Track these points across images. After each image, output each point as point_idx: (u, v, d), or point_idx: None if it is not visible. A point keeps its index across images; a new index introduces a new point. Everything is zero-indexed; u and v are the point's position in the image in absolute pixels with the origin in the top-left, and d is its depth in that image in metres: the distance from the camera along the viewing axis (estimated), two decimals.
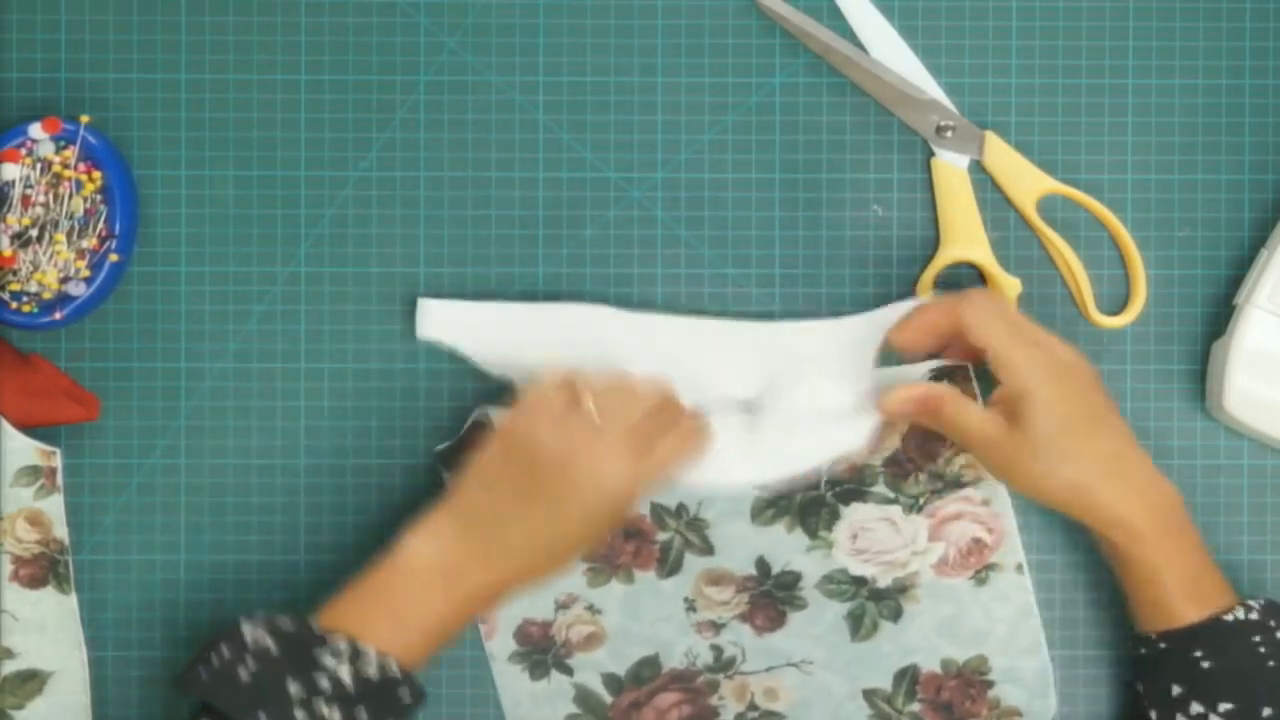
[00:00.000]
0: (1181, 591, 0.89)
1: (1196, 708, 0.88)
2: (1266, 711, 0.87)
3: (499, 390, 0.97)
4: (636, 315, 0.97)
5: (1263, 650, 0.88)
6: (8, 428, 0.96)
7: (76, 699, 0.98)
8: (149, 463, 0.99)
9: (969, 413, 0.90)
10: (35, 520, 0.97)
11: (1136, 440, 0.92)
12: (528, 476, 0.88)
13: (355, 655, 0.86)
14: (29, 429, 0.97)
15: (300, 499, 0.99)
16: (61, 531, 0.97)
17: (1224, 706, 0.87)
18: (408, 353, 0.99)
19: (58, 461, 0.97)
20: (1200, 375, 0.99)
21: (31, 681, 0.98)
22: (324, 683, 0.85)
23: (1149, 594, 0.90)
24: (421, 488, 0.99)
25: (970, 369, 0.97)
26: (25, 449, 0.97)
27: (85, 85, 0.99)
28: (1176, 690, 0.88)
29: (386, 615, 0.88)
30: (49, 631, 0.97)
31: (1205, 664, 0.88)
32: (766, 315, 0.99)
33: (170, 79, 0.99)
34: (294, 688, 0.84)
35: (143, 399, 0.99)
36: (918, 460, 0.97)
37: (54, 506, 0.97)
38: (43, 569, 0.97)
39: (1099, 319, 0.98)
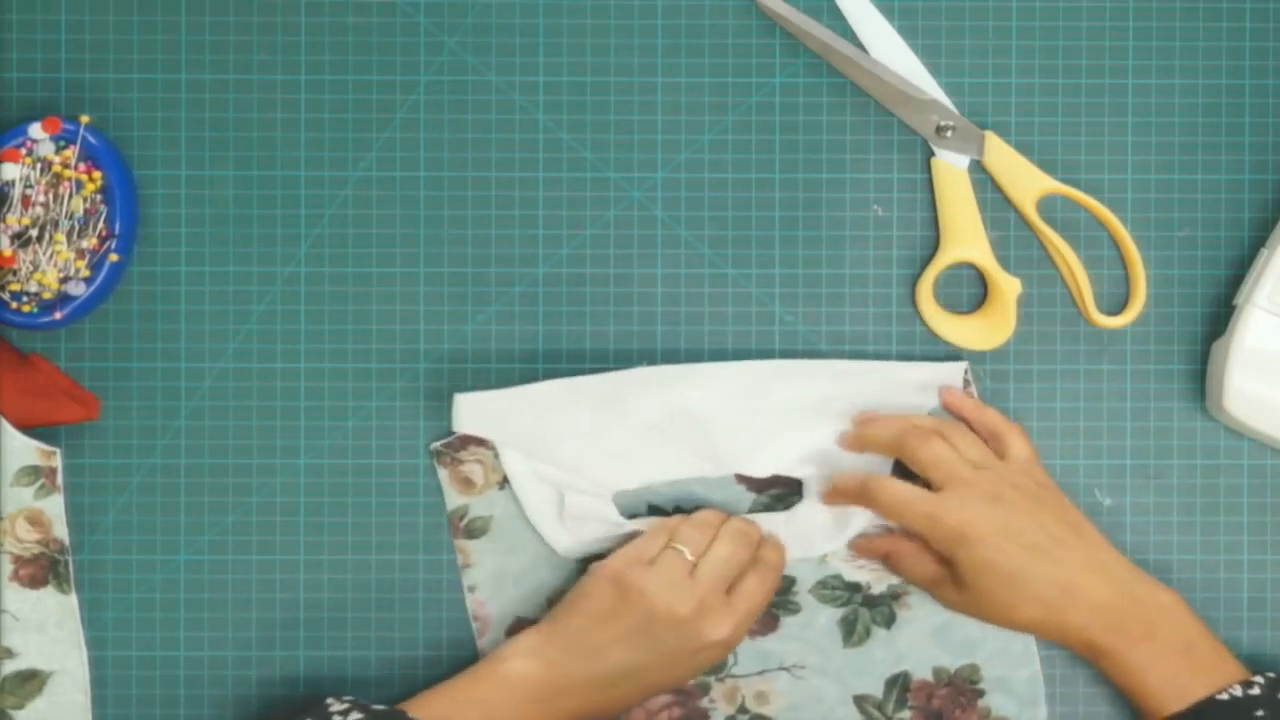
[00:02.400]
0: (1160, 689, 0.90)
1: None
2: None
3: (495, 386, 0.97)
4: (671, 371, 0.97)
5: None
6: (8, 428, 0.96)
7: (76, 699, 0.98)
8: (149, 463, 0.99)
9: (919, 571, 0.95)
10: (35, 520, 0.97)
11: (1101, 543, 0.93)
12: (635, 620, 0.91)
13: None
14: (29, 429, 0.97)
15: (300, 499, 0.99)
16: (61, 531, 0.97)
17: None
18: (407, 353, 0.99)
19: (58, 461, 0.97)
20: (1200, 375, 0.99)
21: (31, 681, 0.98)
22: None
23: (1134, 696, 0.92)
24: (421, 488, 0.99)
25: (968, 370, 0.98)
26: (25, 449, 0.97)
27: (85, 85, 0.99)
28: None
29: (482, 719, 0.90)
30: (49, 631, 0.97)
31: None
32: (767, 315, 0.99)
33: (170, 79, 0.99)
34: None
35: (143, 399, 0.99)
36: (913, 476, 0.96)
37: (54, 506, 0.97)
38: (43, 569, 0.97)
39: (1099, 319, 0.98)
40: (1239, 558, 0.99)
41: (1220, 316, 0.99)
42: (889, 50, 0.99)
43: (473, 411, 0.96)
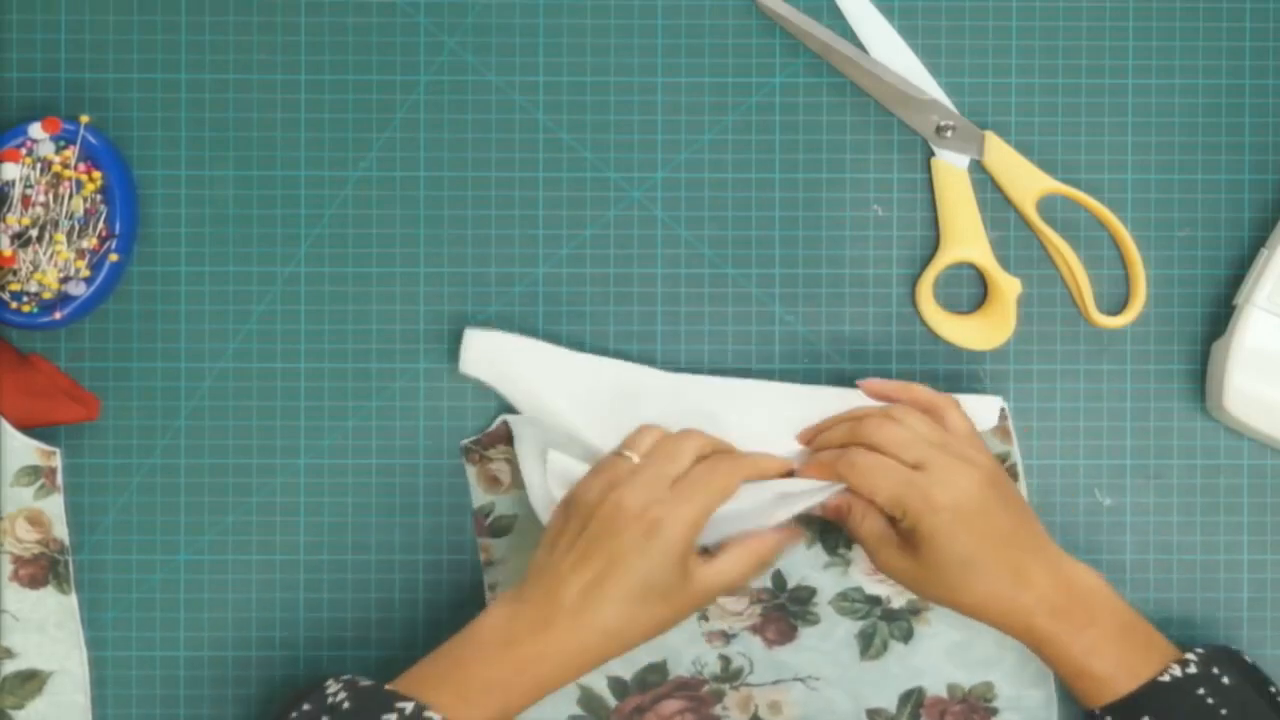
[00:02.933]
0: (1111, 673, 0.89)
1: None
2: None
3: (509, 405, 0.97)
4: (677, 377, 0.97)
5: (1211, 701, 0.87)
6: (8, 428, 0.96)
7: (76, 699, 0.98)
8: (149, 463, 0.99)
9: (867, 527, 0.92)
10: (35, 520, 0.97)
11: (1041, 528, 0.92)
12: (580, 532, 0.88)
13: (418, 718, 0.85)
14: (29, 429, 0.97)
15: (300, 498, 0.99)
16: (61, 531, 0.97)
17: None
18: (407, 352, 0.99)
19: (58, 461, 0.97)
20: (1200, 375, 0.99)
21: (31, 681, 0.98)
22: None
23: (1080, 682, 0.90)
24: (422, 488, 0.99)
25: (1005, 409, 0.97)
26: (25, 449, 0.97)
27: (85, 85, 0.99)
28: None
29: (453, 682, 0.87)
30: (49, 631, 0.97)
31: None
32: (767, 315, 0.99)
33: (170, 79, 0.99)
34: None
35: (143, 399, 0.99)
36: None
37: (54, 506, 0.97)
38: (43, 569, 0.97)
39: (1099, 319, 0.98)
40: (1239, 558, 0.99)
41: (1220, 316, 0.99)
42: (889, 50, 0.99)
43: (481, 349, 0.95)
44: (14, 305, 0.95)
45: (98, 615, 0.99)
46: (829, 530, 0.97)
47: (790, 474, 0.95)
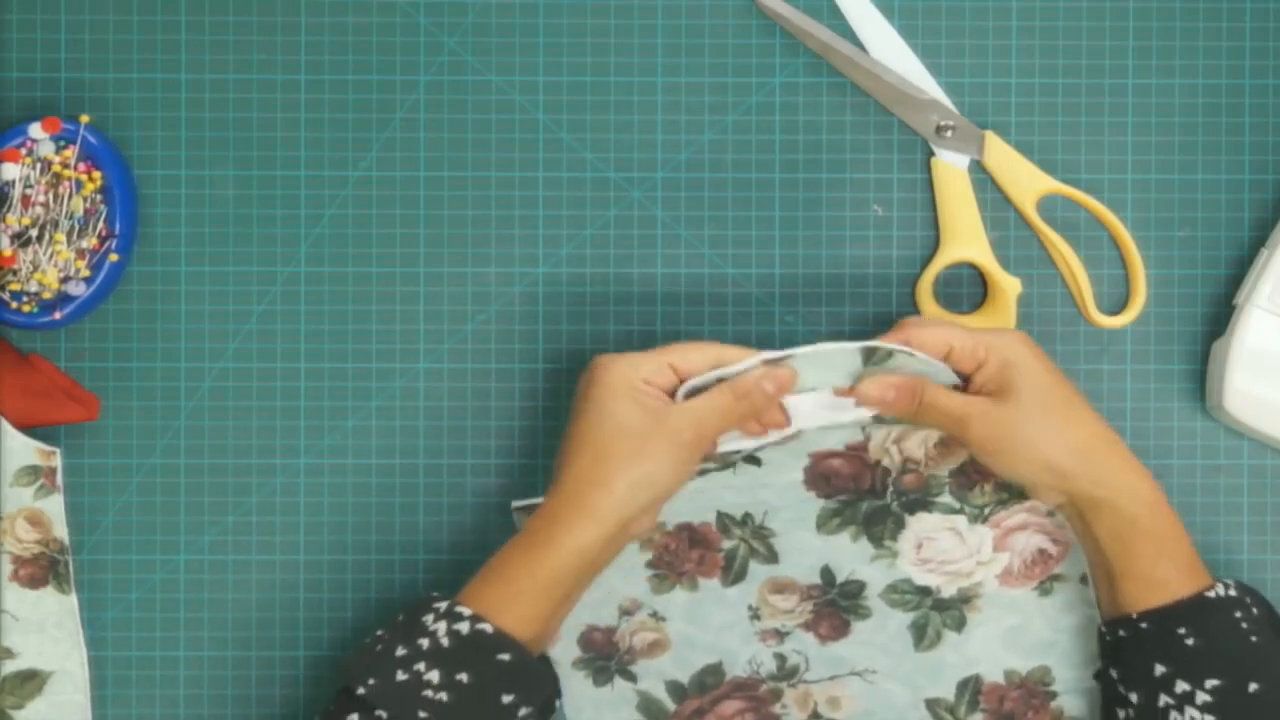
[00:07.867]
0: (1184, 562, 0.88)
1: (1182, 685, 0.86)
2: (1253, 687, 0.86)
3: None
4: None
5: (1245, 626, 0.87)
6: (8, 428, 0.96)
7: (76, 699, 0.98)
8: (149, 463, 0.99)
9: (945, 397, 0.89)
10: (35, 520, 0.97)
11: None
12: (584, 391, 0.89)
13: (451, 615, 0.85)
14: (29, 429, 0.97)
15: (300, 499, 0.99)
16: (61, 531, 0.98)
17: (1211, 683, 0.86)
18: (407, 353, 0.99)
19: (58, 461, 0.97)
20: (1200, 375, 0.99)
21: (31, 681, 0.98)
22: (425, 644, 0.85)
23: (1150, 568, 0.87)
24: (422, 488, 0.99)
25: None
26: (25, 449, 0.97)
27: (85, 85, 0.99)
28: (1160, 670, 0.87)
29: (493, 583, 0.87)
30: (49, 631, 0.97)
31: (1189, 641, 0.86)
32: (766, 315, 0.99)
33: (170, 79, 0.99)
34: (401, 650, 0.85)
35: (143, 399, 0.99)
36: (984, 471, 0.96)
37: (54, 506, 0.97)
38: (43, 569, 0.97)
39: (1099, 319, 0.98)
40: (1239, 558, 0.99)
41: (1220, 316, 0.99)
42: (889, 50, 0.99)
43: None
44: (14, 305, 0.95)
45: (98, 615, 0.99)
46: (874, 523, 0.97)
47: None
